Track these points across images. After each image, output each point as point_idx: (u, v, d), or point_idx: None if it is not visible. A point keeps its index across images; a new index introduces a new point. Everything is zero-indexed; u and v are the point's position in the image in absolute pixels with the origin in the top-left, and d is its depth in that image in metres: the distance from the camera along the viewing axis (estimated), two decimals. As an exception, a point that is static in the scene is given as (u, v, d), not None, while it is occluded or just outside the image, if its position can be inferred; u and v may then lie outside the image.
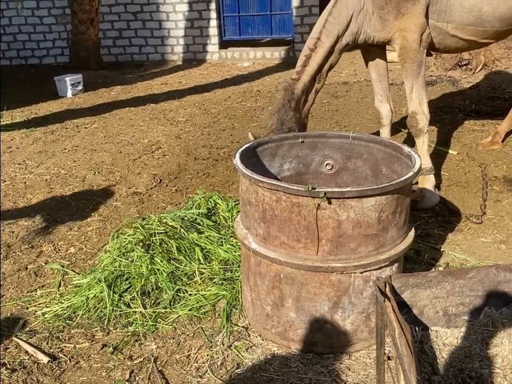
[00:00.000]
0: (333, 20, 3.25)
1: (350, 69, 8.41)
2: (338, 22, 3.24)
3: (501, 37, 3.68)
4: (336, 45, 3.26)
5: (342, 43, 3.29)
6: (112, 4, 9.64)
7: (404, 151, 2.35)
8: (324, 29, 3.24)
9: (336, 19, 3.25)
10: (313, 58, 3.21)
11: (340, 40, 3.27)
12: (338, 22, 3.24)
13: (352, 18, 3.25)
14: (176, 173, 4.28)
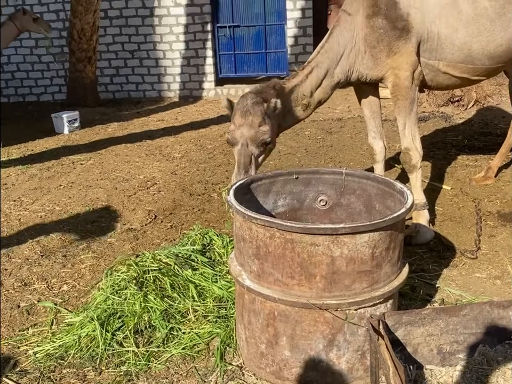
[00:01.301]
0: (324, 52, 3.32)
1: (344, 105, 8.53)
2: (329, 56, 3.30)
3: (491, 74, 3.76)
4: (325, 78, 3.30)
5: (333, 79, 3.34)
6: (110, 42, 9.82)
7: (396, 187, 2.37)
8: (316, 58, 3.31)
9: (328, 53, 3.31)
10: (300, 77, 3.28)
11: (331, 75, 3.32)
12: (329, 56, 3.30)
13: (344, 56, 3.32)
14: (171, 208, 4.28)
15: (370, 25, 3.24)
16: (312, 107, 3.35)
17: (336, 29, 3.35)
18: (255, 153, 3.03)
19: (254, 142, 3.01)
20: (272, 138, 3.08)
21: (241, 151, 3.02)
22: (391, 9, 3.19)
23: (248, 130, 3.00)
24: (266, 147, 3.08)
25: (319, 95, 3.33)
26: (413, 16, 3.20)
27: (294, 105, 3.27)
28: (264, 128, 3.00)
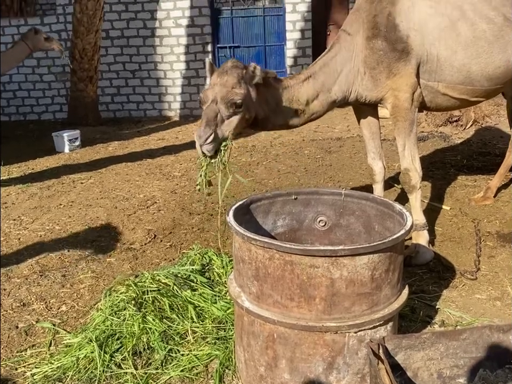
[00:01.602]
0: (322, 65, 3.32)
1: (343, 124, 8.58)
2: (325, 71, 3.31)
3: (490, 95, 3.79)
4: (322, 92, 3.29)
5: (330, 95, 3.32)
6: (111, 62, 9.90)
7: (395, 208, 2.38)
8: (313, 68, 3.32)
9: (325, 67, 3.32)
10: (296, 80, 3.27)
11: (328, 91, 3.31)
12: (326, 71, 3.31)
13: (342, 75, 3.32)
14: (171, 228, 4.28)
15: (370, 47, 3.27)
16: (306, 116, 3.31)
17: (335, 46, 3.37)
18: (223, 113, 2.88)
19: (223, 101, 2.86)
20: (246, 104, 2.93)
21: (209, 107, 2.91)
22: (391, 32, 3.22)
23: (220, 89, 2.89)
24: (237, 111, 2.90)
25: (315, 107, 3.31)
26: (412, 38, 3.23)
27: (287, 104, 3.22)
28: (237, 90, 2.88)
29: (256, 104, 3.05)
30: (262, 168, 6.10)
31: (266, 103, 3.14)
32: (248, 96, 2.95)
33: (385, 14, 3.25)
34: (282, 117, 3.25)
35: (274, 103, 3.17)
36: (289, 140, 7.64)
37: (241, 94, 2.88)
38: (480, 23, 3.33)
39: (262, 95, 3.08)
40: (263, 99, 3.10)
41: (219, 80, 2.91)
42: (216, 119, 2.85)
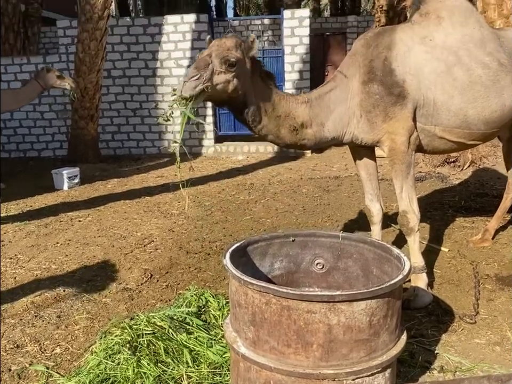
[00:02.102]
0: (318, 96, 3.34)
1: (341, 163, 8.64)
2: (319, 104, 3.33)
3: (487, 138, 3.83)
4: (314, 123, 3.29)
5: (323, 130, 3.33)
6: (112, 101, 10.03)
7: (393, 252, 2.37)
8: (309, 95, 3.35)
9: (319, 99, 3.34)
10: (294, 98, 3.30)
11: (321, 124, 3.31)
12: (319, 104, 3.33)
13: (335, 114, 3.33)
14: (168, 267, 4.25)
15: (366, 91, 3.31)
16: (298, 137, 3.29)
17: (330, 84, 3.41)
18: (216, 67, 2.88)
19: (218, 56, 2.89)
20: (239, 69, 2.93)
21: (202, 57, 2.93)
22: (387, 76, 3.27)
23: (217, 48, 2.94)
24: (229, 69, 2.90)
25: (308, 134, 3.31)
26: (408, 83, 3.27)
27: (284, 116, 3.22)
28: (233, 52, 2.92)
29: (249, 82, 3.06)
30: (260, 206, 6.11)
31: (262, 99, 3.13)
32: (242, 63, 2.99)
33: (382, 59, 3.30)
34: (275, 124, 3.22)
35: (271, 106, 3.18)
36: (287, 178, 7.69)
37: (236, 56, 2.93)
38: (476, 68, 3.38)
39: (259, 87, 3.11)
40: (258, 90, 3.11)
41: (217, 42, 2.99)
42: (207, 68, 2.86)
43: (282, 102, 3.23)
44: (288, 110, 3.24)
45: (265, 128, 3.23)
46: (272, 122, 3.21)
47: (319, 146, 3.54)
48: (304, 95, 3.38)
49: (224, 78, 2.91)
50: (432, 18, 3.46)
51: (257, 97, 3.13)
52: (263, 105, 3.16)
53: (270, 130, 3.24)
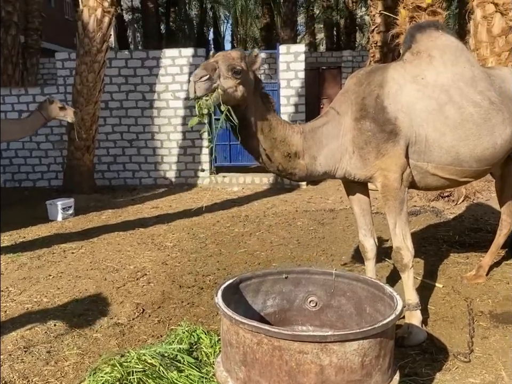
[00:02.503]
0: (311, 129, 3.37)
1: (336, 195, 8.66)
2: (312, 137, 3.35)
3: (479, 176, 3.86)
4: (307, 154, 3.31)
5: (314, 163, 3.35)
6: (109, 131, 10.09)
7: (386, 291, 2.37)
8: (304, 127, 3.37)
9: (312, 133, 3.36)
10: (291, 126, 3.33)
11: (314, 157, 3.33)
12: (313, 137, 3.35)
13: (327, 149, 3.35)
14: (160, 302, 4.21)
15: (358, 128, 3.34)
16: (290, 164, 3.30)
17: (323, 119, 3.45)
18: (222, 72, 2.92)
19: (224, 63, 2.94)
20: (243, 79, 2.98)
21: (209, 62, 2.98)
22: (379, 113, 3.30)
23: (223, 57, 3.00)
24: (235, 76, 2.93)
25: (299, 164, 3.33)
26: (401, 120, 3.30)
27: (280, 140, 3.25)
28: (238, 61, 2.98)
29: (251, 96, 3.10)
30: (255, 239, 6.10)
31: (261, 117, 3.17)
32: (246, 74, 3.03)
33: (374, 97, 3.35)
34: (270, 145, 3.24)
35: (268, 127, 3.20)
36: (283, 210, 7.69)
37: (241, 65, 2.99)
38: (467, 107, 3.43)
39: (259, 105, 3.16)
40: (258, 107, 3.16)
41: (222, 53, 3.07)
42: (214, 71, 2.91)
43: (279, 126, 3.27)
44: (284, 135, 3.27)
45: (259, 147, 3.24)
46: (267, 143, 3.23)
47: (310, 179, 3.56)
48: (300, 126, 3.42)
49: (232, 83, 2.95)
50: (424, 57, 3.52)
51: (256, 115, 3.17)
52: (260, 123, 3.18)
53: (264, 150, 3.26)
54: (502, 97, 3.60)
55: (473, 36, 6.98)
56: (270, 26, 22.02)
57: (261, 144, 3.22)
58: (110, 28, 9.07)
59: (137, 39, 32.03)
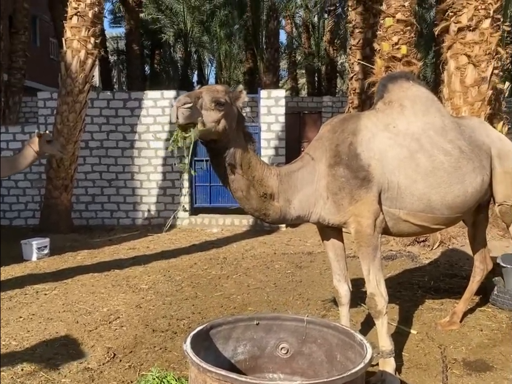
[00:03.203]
0: (287, 173, 3.40)
1: (314, 238, 8.66)
2: (288, 181, 3.38)
3: (451, 223, 3.92)
4: (281, 197, 3.33)
5: (289, 207, 3.37)
6: (88, 171, 10.07)
7: (356, 338, 2.36)
8: (280, 171, 3.40)
9: (287, 176, 3.39)
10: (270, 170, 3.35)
11: (288, 201, 3.36)
12: (288, 181, 3.37)
13: (301, 194, 3.39)
14: (132, 346, 4.13)
15: (332, 174, 3.39)
16: (264, 205, 3.31)
17: (298, 163, 3.49)
18: (205, 103, 2.95)
19: (208, 95, 2.98)
20: (226, 112, 3.02)
21: (194, 91, 3.04)
22: (353, 160, 3.36)
23: (207, 89, 3.06)
24: (218, 108, 2.97)
25: (273, 206, 3.34)
26: (373, 167, 3.36)
27: (258, 180, 3.26)
28: (223, 94, 3.02)
29: (233, 129, 3.13)
30: (232, 282, 6.05)
31: (242, 153, 3.19)
32: (230, 108, 3.07)
33: (347, 144, 3.42)
34: (248, 183, 3.25)
35: (248, 165, 3.22)
36: (261, 253, 7.67)
37: (225, 98, 3.03)
38: (438, 155, 3.51)
39: (241, 142, 3.19)
40: (240, 144, 3.19)
41: (207, 86, 3.13)
42: (198, 100, 2.94)
43: (258, 166, 3.30)
44: (262, 176, 3.29)
45: (237, 183, 3.25)
46: (245, 180, 3.25)
47: (283, 223, 3.58)
48: (277, 168, 3.46)
49: (215, 116, 2.99)
50: (395, 106, 3.62)
51: (237, 150, 3.19)
52: (240, 159, 3.21)
53: (240, 187, 3.27)
54: (472, 146, 3.71)
55: (447, 85, 7.21)
56: (253, 70, 22.46)
57: (238, 181, 3.24)
58: (93, 69, 9.19)
59: (122, 79, 32.37)
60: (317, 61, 25.29)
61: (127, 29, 21.07)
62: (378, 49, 7.62)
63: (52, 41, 22.96)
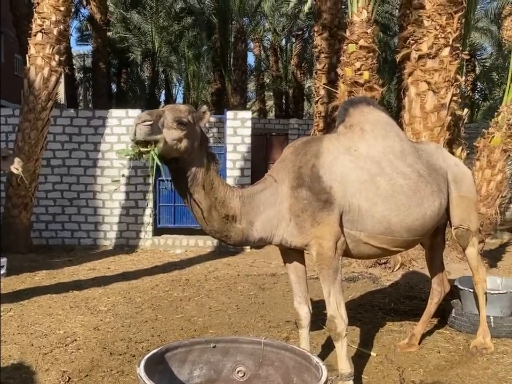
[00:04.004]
0: (250, 195, 3.41)
1: (279, 260, 8.51)
2: (250, 202, 3.39)
3: (410, 245, 3.99)
4: (244, 219, 3.34)
5: (251, 229, 3.38)
6: (49, 189, 9.86)
7: (312, 361, 2.35)
8: (243, 193, 3.41)
9: (250, 198, 3.40)
10: (232, 191, 3.36)
11: (251, 223, 3.36)
12: (250, 202, 3.38)
13: (264, 216, 3.40)
14: (88, 370, 4.02)
15: (295, 196, 3.41)
16: (227, 226, 3.30)
17: (260, 185, 3.51)
18: (167, 122, 2.95)
19: (171, 114, 2.98)
20: (188, 132, 3.02)
21: (156, 110, 3.03)
22: (315, 182, 3.40)
23: (170, 107, 3.07)
24: (180, 127, 2.97)
25: (235, 228, 3.34)
26: (335, 189, 3.40)
27: (220, 202, 3.26)
28: (186, 114, 3.02)
29: (196, 149, 3.13)
30: (193, 304, 5.98)
31: (204, 174, 3.19)
32: (192, 127, 3.07)
33: (310, 166, 3.45)
34: (210, 204, 3.24)
35: (210, 185, 3.22)
36: (224, 274, 7.61)
37: (188, 118, 3.03)
38: (397, 178, 3.58)
39: (204, 163, 3.20)
40: (203, 165, 3.19)
41: (170, 105, 3.13)
42: (159, 118, 2.93)
43: (221, 187, 3.30)
44: (224, 197, 3.29)
45: (199, 203, 3.24)
46: (207, 201, 3.24)
47: (245, 245, 3.58)
48: (239, 190, 3.46)
49: (176, 134, 2.98)
50: (356, 130, 3.69)
51: (200, 170, 3.19)
52: (203, 180, 3.20)
53: (202, 207, 3.25)
54: (429, 170, 3.79)
55: (408, 111, 7.38)
56: (221, 91, 22.59)
57: (200, 201, 3.23)
58: (56, 86, 9.06)
59: (88, 97, 32.09)
60: (285, 84, 25.62)
61: (94, 47, 20.99)
62: (342, 74, 7.76)
63: (17, 57, 22.65)
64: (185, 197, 3.24)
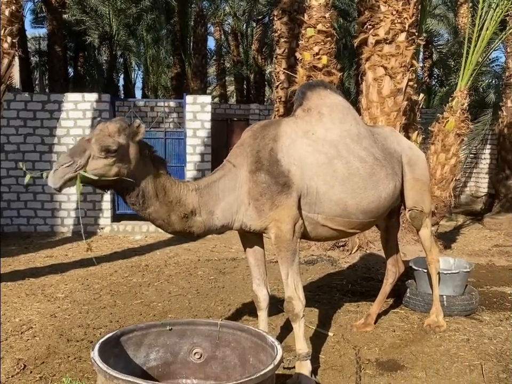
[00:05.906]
0: (207, 185, 3.41)
1: (239, 244, 8.57)
2: (208, 192, 3.39)
3: (366, 227, 4.07)
4: (203, 211, 3.35)
5: (212, 218, 3.39)
6: (4, 176, 9.58)
7: (268, 341, 2.38)
8: (199, 183, 3.41)
9: (208, 188, 3.40)
10: (185, 184, 3.35)
11: (211, 213, 3.37)
12: (209, 192, 3.39)
13: (224, 203, 3.41)
14: (44, 357, 3.96)
15: (253, 180, 3.42)
16: (187, 224, 3.31)
17: (219, 172, 3.51)
18: (94, 153, 2.89)
19: (98, 142, 2.89)
20: (121, 155, 2.96)
21: (80, 142, 2.96)
22: (273, 166, 3.41)
23: (98, 133, 2.95)
24: (108, 155, 2.91)
25: (197, 222, 3.34)
26: (293, 173, 3.43)
27: (175, 202, 3.24)
28: (115, 138, 2.92)
29: (136, 167, 3.07)
30: (153, 289, 5.94)
31: (153, 183, 3.15)
32: (125, 149, 2.99)
33: (268, 150, 3.46)
34: (167, 209, 3.23)
35: (163, 191, 3.19)
36: (185, 260, 7.59)
37: (117, 142, 2.92)
38: (354, 162, 3.63)
39: (149, 172, 3.14)
40: (148, 172, 3.14)
41: (100, 126, 2.99)
42: (82, 155, 2.87)
43: (173, 188, 3.27)
44: (179, 196, 3.27)
45: (155, 213, 3.22)
46: (164, 208, 3.22)
47: (208, 234, 3.59)
48: (195, 183, 3.45)
49: (102, 163, 2.92)
50: (314, 114, 3.71)
51: (148, 182, 3.15)
52: (154, 189, 3.17)
53: (160, 216, 3.24)
54: (384, 154, 3.86)
55: (365, 96, 7.47)
56: (181, 75, 22.25)
57: (157, 211, 3.21)
58: (9, 69, 8.70)
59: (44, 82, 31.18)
60: (246, 68, 25.45)
61: (49, 30, 20.31)
62: (300, 59, 7.77)
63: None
64: (139, 210, 3.22)
